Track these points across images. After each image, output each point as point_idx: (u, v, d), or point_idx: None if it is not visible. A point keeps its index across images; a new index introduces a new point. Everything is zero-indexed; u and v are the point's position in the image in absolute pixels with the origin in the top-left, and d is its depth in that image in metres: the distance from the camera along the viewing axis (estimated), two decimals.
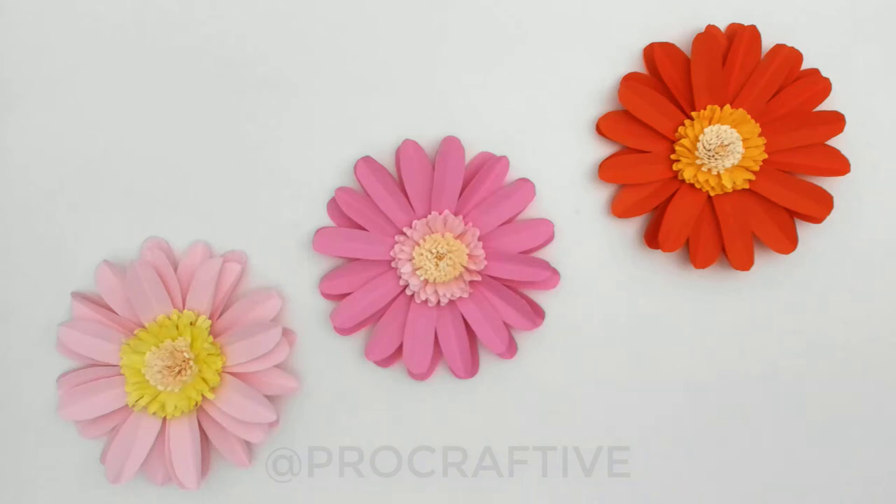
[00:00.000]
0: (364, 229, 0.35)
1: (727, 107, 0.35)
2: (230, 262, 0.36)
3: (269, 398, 0.35)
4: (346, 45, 0.37)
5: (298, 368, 0.37)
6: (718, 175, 0.35)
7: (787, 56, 0.35)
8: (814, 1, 0.37)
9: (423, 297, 0.35)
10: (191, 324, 0.35)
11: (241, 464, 0.36)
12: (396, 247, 0.35)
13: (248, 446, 0.37)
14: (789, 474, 0.38)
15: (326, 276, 0.36)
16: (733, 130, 0.35)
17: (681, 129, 0.35)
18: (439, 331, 0.35)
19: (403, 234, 0.35)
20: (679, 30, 0.36)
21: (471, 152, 0.36)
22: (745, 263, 0.36)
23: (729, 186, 0.35)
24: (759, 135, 0.35)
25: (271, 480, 0.38)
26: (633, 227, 0.37)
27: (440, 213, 0.35)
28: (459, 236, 0.35)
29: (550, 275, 0.35)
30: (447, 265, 0.34)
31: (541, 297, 0.37)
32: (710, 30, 0.35)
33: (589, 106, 0.37)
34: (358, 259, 0.35)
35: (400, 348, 0.36)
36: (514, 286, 0.36)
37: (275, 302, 0.36)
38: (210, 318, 0.36)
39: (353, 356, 0.37)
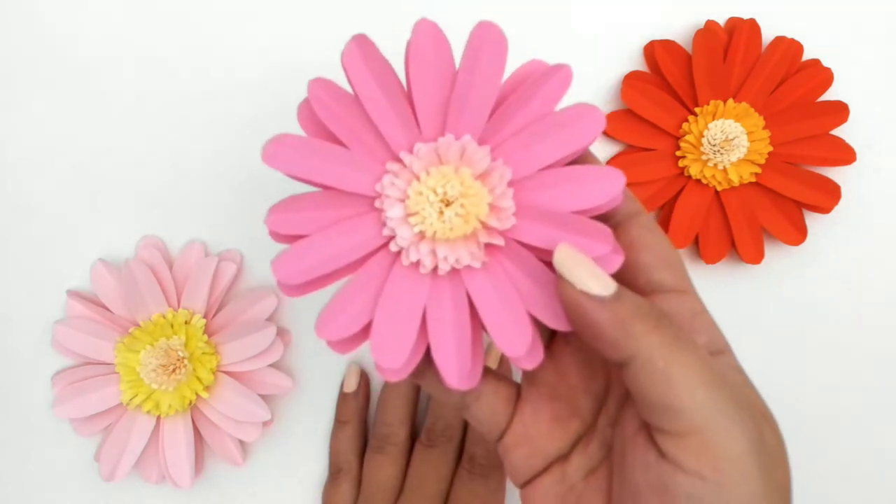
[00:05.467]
0: (343, 145, 0.23)
1: (730, 101, 0.35)
2: (225, 261, 0.36)
3: (264, 397, 0.35)
4: (329, 52, 0.37)
5: (294, 367, 0.37)
6: (725, 170, 0.35)
7: (788, 48, 0.35)
8: None
9: (412, 258, 0.23)
10: (185, 322, 0.35)
11: (234, 462, 0.35)
12: (386, 178, 0.23)
13: (242, 445, 0.36)
14: (800, 471, 0.38)
15: (277, 207, 0.23)
16: (737, 124, 0.35)
17: (685, 125, 0.35)
18: (430, 311, 0.23)
19: (399, 161, 0.23)
20: (679, 26, 0.36)
21: None
22: (755, 256, 0.36)
23: (735, 180, 0.35)
24: (764, 127, 0.35)
25: (265, 479, 0.37)
26: None
27: (457, 138, 0.23)
28: (481, 176, 0.23)
29: (611, 251, 0.22)
30: (456, 215, 0.23)
31: None
32: (710, 25, 0.35)
33: None
34: (328, 188, 0.23)
35: (367, 328, 0.23)
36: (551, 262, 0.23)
37: (270, 301, 0.35)
38: (205, 317, 0.35)
39: (351, 355, 0.37)
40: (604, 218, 0.23)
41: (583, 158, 0.23)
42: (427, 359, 0.23)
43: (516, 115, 0.23)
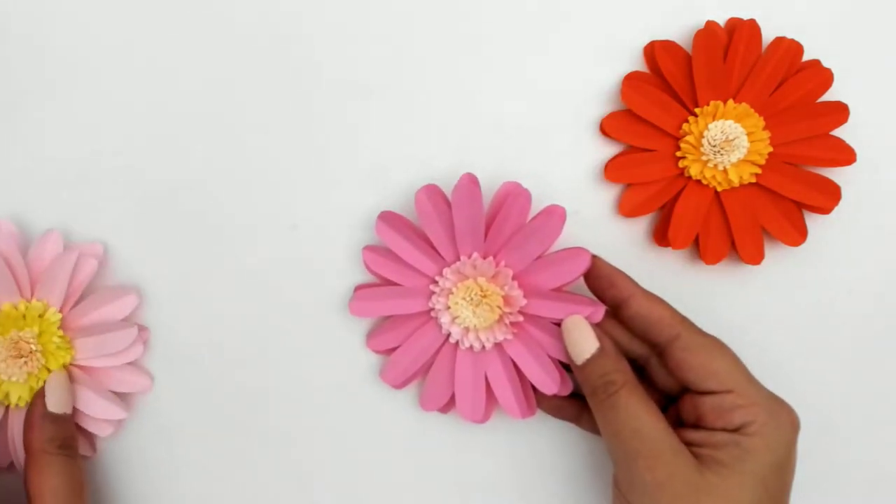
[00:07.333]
0: (396, 283, 0.35)
1: (730, 101, 0.35)
2: (85, 255, 0.35)
3: (123, 394, 0.35)
4: (337, 49, 0.37)
5: (154, 366, 0.37)
6: (725, 170, 0.35)
7: (788, 48, 0.35)
8: None
9: (466, 345, 0.34)
10: (39, 315, 0.34)
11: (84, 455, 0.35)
12: (433, 297, 0.34)
13: (95, 438, 0.36)
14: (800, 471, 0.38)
15: (373, 334, 0.36)
16: (738, 125, 0.35)
17: (685, 125, 0.35)
18: (490, 375, 0.34)
19: (436, 283, 0.34)
20: (679, 26, 0.36)
21: (477, 156, 0.36)
22: (755, 257, 0.36)
23: (736, 181, 0.35)
24: (764, 128, 0.35)
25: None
26: (641, 225, 0.37)
27: (468, 258, 0.33)
28: (493, 278, 0.33)
29: (593, 310, 0.32)
30: (484, 311, 0.33)
31: None
32: (710, 25, 0.35)
33: (592, 106, 0.37)
34: (397, 315, 0.35)
35: (453, 396, 0.35)
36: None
37: (130, 299, 0.35)
38: (61, 310, 0.35)
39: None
40: (653, 334, 0.32)
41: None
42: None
43: (503, 230, 0.33)
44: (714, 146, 0.35)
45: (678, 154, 0.36)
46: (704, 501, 0.27)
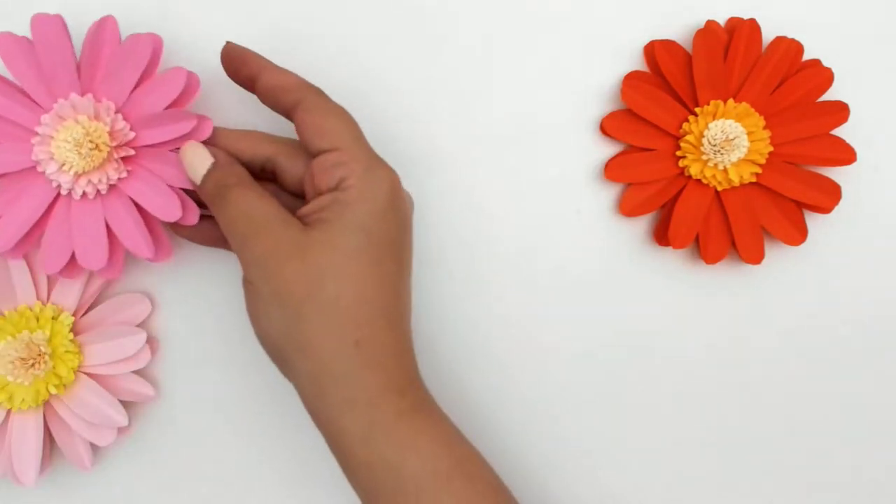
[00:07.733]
0: None
1: (731, 101, 0.35)
2: None
3: (125, 404, 0.35)
4: (335, 54, 0.37)
5: (160, 378, 0.36)
6: (725, 170, 0.35)
7: (788, 48, 0.35)
8: None
9: (80, 192, 0.32)
10: (53, 318, 0.35)
11: (82, 466, 0.34)
12: (35, 149, 0.32)
13: (95, 450, 0.35)
14: (801, 471, 0.38)
15: None
16: (738, 124, 0.35)
17: (685, 125, 0.35)
18: (111, 220, 0.33)
19: (36, 133, 0.33)
20: (679, 26, 0.36)
21: (476, 157, 0.36)
22: (755, 257, 0.36)
23: (736, 180, 0.35)
24: (764, 127, 0.35)
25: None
26: (641, 225, 0.37)
27: (66, 99, 0.32)
28: (95, 116, 0.32)
29: (199, 122, 0.32)
30: (90, 150, 0.32)
31: None
32: (710, 25, 0.35)
33: (592, 106, 0.37)
34: (2, 175, 0.33)
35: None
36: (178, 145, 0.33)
37: (143, 307, 0.35)
38: (74, 314, 0.35)
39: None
40: (281, 102, 0.31)
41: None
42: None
43: (96, 64, 0.32)
44: (714, 145, 0.35)
45: (678, 153, 0.36)
46: (310, 254, 0.29)
